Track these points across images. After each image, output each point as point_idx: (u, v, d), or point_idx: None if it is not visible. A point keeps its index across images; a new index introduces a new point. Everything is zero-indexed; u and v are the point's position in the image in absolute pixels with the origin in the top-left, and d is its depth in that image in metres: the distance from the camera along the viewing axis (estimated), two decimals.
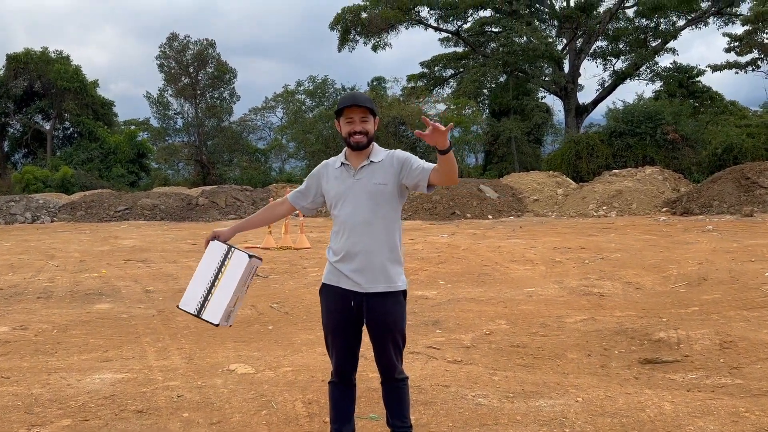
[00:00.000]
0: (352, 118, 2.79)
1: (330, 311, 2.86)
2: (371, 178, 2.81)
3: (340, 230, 2.84)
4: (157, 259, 11.05)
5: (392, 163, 2.83)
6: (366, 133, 2.80)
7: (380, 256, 2.78)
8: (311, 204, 3.03)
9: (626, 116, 26.57)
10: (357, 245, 2.78)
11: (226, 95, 39.42)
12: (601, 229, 14.44)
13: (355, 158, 2.85)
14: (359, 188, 2.81)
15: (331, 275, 2.86)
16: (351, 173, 2.83)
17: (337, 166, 2.89)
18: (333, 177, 2.89)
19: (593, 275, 7.95)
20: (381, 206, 2.80)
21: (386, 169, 2.83)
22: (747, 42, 26.25)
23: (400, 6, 32.53)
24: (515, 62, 31.77)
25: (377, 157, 2.86)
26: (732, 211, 15.77)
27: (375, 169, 2.83)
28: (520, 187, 22.13)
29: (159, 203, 23.03)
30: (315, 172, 3.01)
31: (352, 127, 2.79)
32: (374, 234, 2.78)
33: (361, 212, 2.79)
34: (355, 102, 2.78)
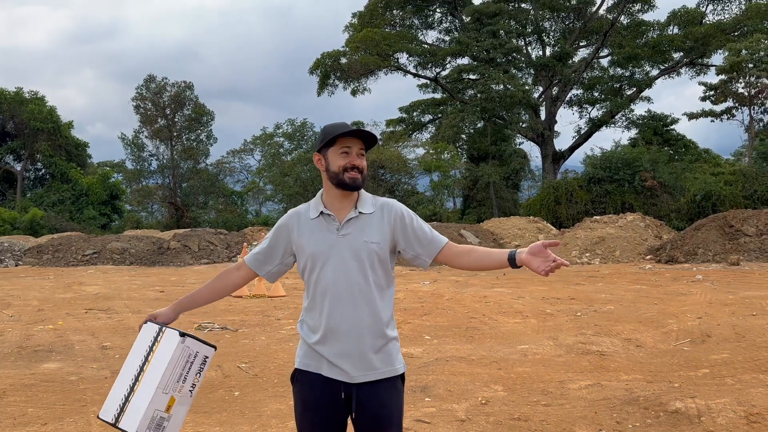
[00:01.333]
0: (349, 150, 2.22)
1: (309, 407, 2.21)
2: (360, 235, 2.22)
3: (318, 301, 2.23)
4: (121, 308, 10.30)
5: (385, 218, 2.27)
6: (362, 171, 2.24)
7: (373, 335, 2.19)
8: (278, 267, 2.37)
9: (604, 163, 26.68)
10: (343, 322, 2.18)
11: (203, 137, 39.00)
12: (588, 277, 14.03)
13: (339, 206, 2.26)
14: (345, 247, 2.21)
15: (309, 359, 2.24)
16: (334, 227, 2.23)
17: (313, 216, 2.27)
18: (308, 231, 2.26)
19: (589, 330, 7.44)
20: (372, 270, 2.22)
21: (378, 223, 2.26)
22: (722, 91, 26.70)
23: (380, 52, 32.71)
24: (493, 109, 31.95)
25: (366, 206, 2.28)
26: (718, 260, 15.53)
27: (365, 224, 2.24)
28: (501, 233, 21.80)
29: (129, 247, 22.17)
30: (281, 224, 2.35)
31: (348, 160, 2.21)
32: (364, 306, 2.19)
33: (347, 279, 2.19)
34: (357, 129, 2.22)
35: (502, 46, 32.24)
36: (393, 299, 2.30)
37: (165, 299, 11.42)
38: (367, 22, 35.17)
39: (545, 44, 36.46)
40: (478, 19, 33.25)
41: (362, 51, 32.99)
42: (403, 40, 34.47)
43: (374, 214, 2.27)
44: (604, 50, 34.96)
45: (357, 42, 32.89)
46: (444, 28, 37.64)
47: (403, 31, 36.04)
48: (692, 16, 32.87)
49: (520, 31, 35.23)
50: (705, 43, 31.63)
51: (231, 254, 22.23)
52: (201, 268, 19.46)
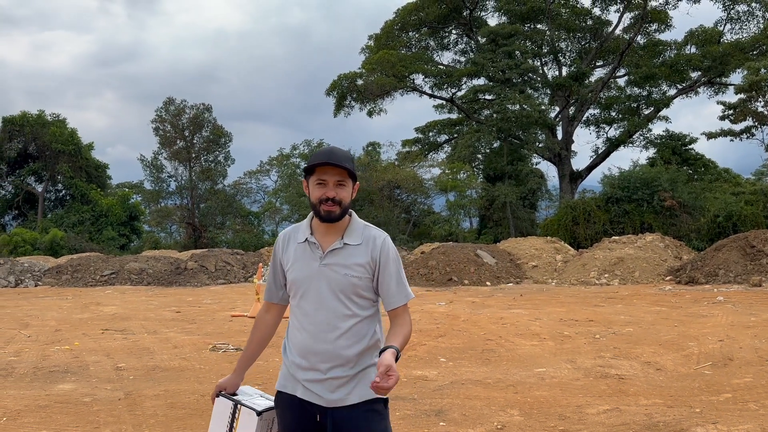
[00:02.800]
0: (324, 181, 2.18)
1: (288, 429, 2.23)
2: (343, 268, 2.19)
3: (298, 326, 2.24)
4: (137, 328, 10.33)
5: (370, 251, 2.23)
6: (340, 202, 2.18)
7: (351, 363, 2.18)
8: (284, 293, 2.38)
9: (622, 182, 26.42)
10: (319, 349, 2.18)
11: (221, 158, 39.33)
12: (606, 298, 13.83)
13: (324, 234, 2.24)
14: (325, 278, 2.19)
15: (286, 380, 2.25)
16: (317, 255, 2.22)
17: (301, 240, 2.27)
18: (293, 255, 2.26)
19: (607, 353, 7.31)
20: (352, 302, 2.20)
21: (363, 256, 2.22)
22: (741, 110, 26.43)
23: (396, 74, 32.91)
24: (509, 129, 31.90)
25: (353, 237, 2.24)
26: (739, 281, 15.23)
27: (349, 255, 2.21)
28: (518, 253, 21.62)
29: (147, 267, 22.33)
30: (276, 245, 2.36)
31: (323, 192, 2.18)
32: (343, 336, 2.17)
33: (326, 309, 2.18)
34: (330, 160, 2.16)
35: (517, 67, 32.28)
36: (379, 324, 2.29)
37: (180, 320, 11.45)
38: (383, 44, 35.47)
39: (561, 64, 36.45)
40: (493, 40, 33.37)
41: (378, 72, 33.23)
42: (419, 62, 34.67)
43: (360, 247, 2.22)
44: (620, 70, 34.83)
45: (373, 63, 33.15)
46: (459, 49, 37.84)
47: (419, 53, 36.27)
48: (710, 35, 32.68)
49: (536, 52, 35.27)
50: (723, 62, 31.40)
51: (247, 274, 22.28)
52: (218, 289, 19.51)
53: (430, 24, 35.76)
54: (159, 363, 7.27)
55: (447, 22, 35.99)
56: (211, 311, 12.93)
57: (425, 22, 35.65)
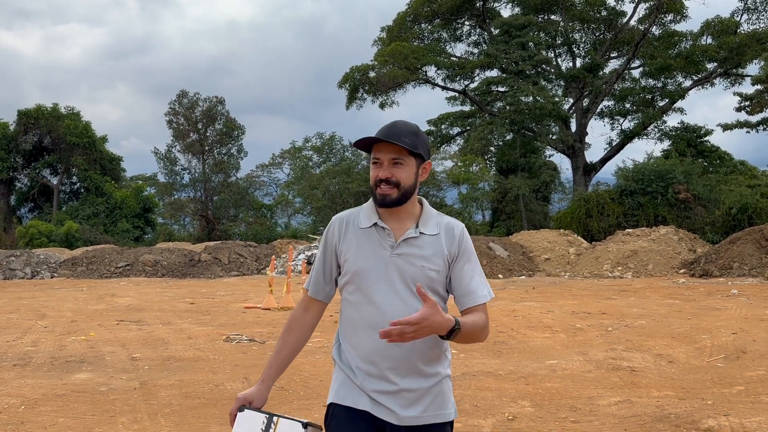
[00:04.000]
0: (379, 160, 1.92)
1: None
2: (419, 258, 1.91)
3: (361, 327, 1.93)
4: (152, 319, 10.45)
5: (447, 242, 1.96)
6: (398, 183, 1.90)
7: (425, 372, 1.91)
8: (331, 288, 2.08)
9: (636, 175, 26.23)
10: (390, 355, 1.88)
11: (234, 151, 39.56)
12: (619, 291, 13.77)
13: (396, 219, 1.96)
14: (397, 268, 1.91)
15: (347, 391, 1.94)
16: (389, 242, 1.93)
17: (365, 225, 1.97)
18: (356, 242, 1.97)
19: (620, 345, 7.30)
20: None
21: (441, 248, 1.95)
22: (758, 101, 26.12)
23: (408, 66, 32.84)
24: (522, 121, 31.75)
25: (429, 226, 1.97)
26: (754, 274, 15.11)
27: (425, 245, 1.93)
28: (531, 246, 21.56)
29: (161, 259, 22.53)
30: (328, 233, 2.05)
31: (377, 173, 1.92)
32: (421, 342, 1.85)
33: (399, 306, 1.88)
34: (382, 136, 1.89)
35: (531, 58, 32.07)
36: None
37: (194, 311, 11.56)
38: (395, 36, 35.37)
39: (575, 55, 36.18)
40: (506, 32, 33.15)
41: (391, 64, 33.17)
42: (432, 53, 34.55)
43: (437, 237, 1.96)
44: (635, 61, 34.51)
45: (385, 56, 33.09)
46: (472, 40, 37.65)
47: (432, 45, 36.14)
48: (726, 25, 32.26)
49: (550, 43, 35.02)
50: (740, 53, 31.00)
51: (260, 266, 22.41)
52: (231, 281, 19.66)
53: (442, 15, 35.58)
54: (173, 353, 7.36)
55: (460, 14, 35.80)
56: (224, 303, 13.04)
57: (438, 14, 35.49)
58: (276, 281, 13.47)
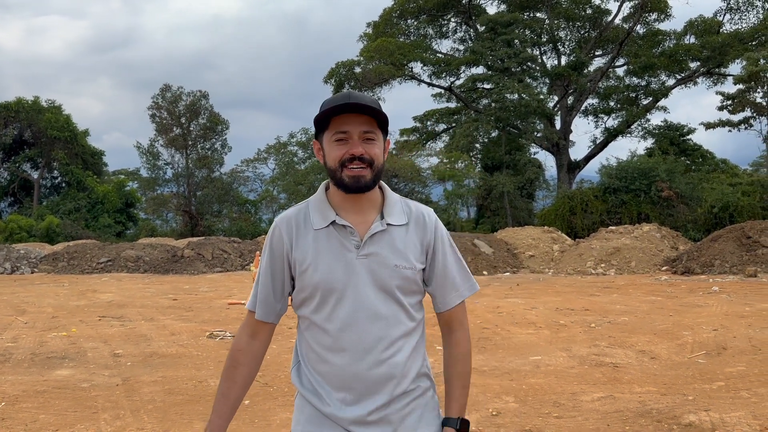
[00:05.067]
0: (346, 134, 1.58)
1: None
2: (390, 256, 1.61)
3: (330, 347, 1.62)
4: (134, 315, 10.36)
5: (419, 232, 1.67)
6: (371, 161, 1.58)
7: (409, 389, 1.66)
8: (283, 305, 1.75)
9: (620, 173, 26.44)
10: (369, 376, 1.60)
11: (218, 146, 39.27)
12: (602, 288, 13.89)
13: (357, 212, 1.64)
14: (368, 274, 1.60)
15: (316, 427, 1.64)
16: (352, 242, 1.61)
17: (321, 224, 1.63)
18: (313, 248, 1.62)
19: (602, 342, 7.36)
20: (408, 304, 1.64)
21: (413, 240, 1.65)
22: (740, 101, 26.45)
23: (394, 62, 32.78)
24: (507, 118, 31.85)
25: (395, 215, 1.65)
26: (735, 271, 15.31)
27: (395, 239, 1.63)
28: (515, 243, 21.66)
29: (143, 255, 22.33)
30: (273, 242, 1.67)
31: (345, 149, 1.58)
32: (397, 354, 1.62)
33: (373, 318, 1.60)
34: (352, 101, 1.55)
35: (516, 56, 32.16)
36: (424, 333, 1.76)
37: (177, 307, 11.47)
38: (381, 32, 35.29)
39: (560, 53, 36.35)
40: (492, 29, 33.21)
41: (377, 60, 33.09)
42: (418, 50, 34.52)
43: (407, 227, 1.66)
44: (619, 60, 34.75)
45: (371, 51, 33.00)
46: (458, 37, 37.67)
47: (418, 41, 36.10)
48: (709, 25, 32.59)
49: (535, 41, 35.14)
50: (722, 52, 31.32)
51: (244, 262, 22.30)
52: (214, 277, 19.53)
53: (428, 12, 35.56)
54: (156, 350, 7.30)
55: (446, 10, 35.80)
56: (207, 299, 12.96)
57: (424, 10, 35.46)
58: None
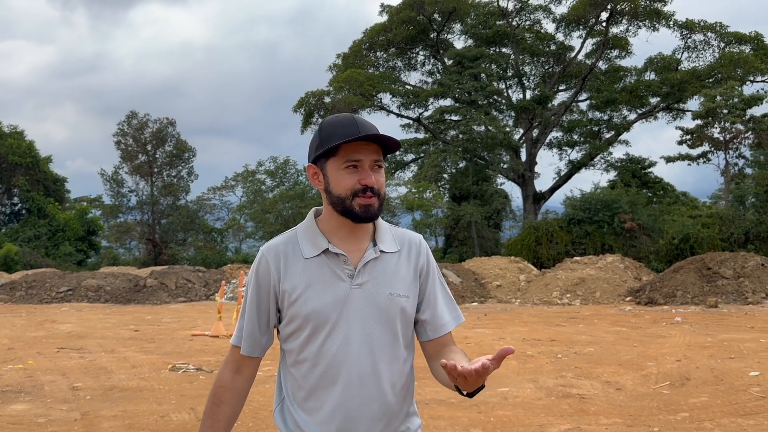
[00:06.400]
0: (360, 162, 1.54)
1: None
2: (385, 284, 1.58)
3: (322, 386, 1.56)
4: (94, 347, 10.05)
5: (413, 259, 1.65)
6: (379, 192, 1.57)
7: (401, 427, 1.62)
8: (269, 338, 1.69)
9: (584, 204, 26.98)
10: (365, 414, 1.55)
11: (184, 174, 38.87)
12: (568, 318, 14.02)
13: (350, 240, 1.60)
14: (362, 303, 1.56)
15: None
16: (346, 271, 1.57)
17: (313, 253, 1.58)
18: (304, 278, 1.57)
19: (569, 373, 7.40)
20: (402, 335, 1.61)
21: (406, 267, 1.63)
22: (698, 136, 27.37)
23: (363, 93, 33.13)
24: (474, 149, 32.35)
25: (388, 242, 1.63)
26: (696, 302, 15.64)
27: (388, 267, 1.60)
28: (483, 272, 21.79)
29: (105, 284, 21.78)
30: (260, 272, 1.62)
31: (358, 177, 1.54)
32: (392, 389, 1.58)
33: (370, 351, 1.56)
34: (369, 131, 1.52)
35: (483, 89, 32.84)
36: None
37: (138, 338, 11.18)
38: (350, 63, 35.71)
39: (525, 88, 37.24)
40: (459, 62, 33.90)
41: (346, 90, 33.40)
42: (387, 81, 35.00)
43: (399, 254, 1.63)
44: (582, 94, 35.75)
45: (341, 82, 33.32)
46: (427, 70, 38.34)
47: (387, 73, 36.61)
48: (668, 62, 33.87)
49: (501, 75, 35.98)
50: (681, 88, 32.52)
51: (209, 292, 21.92)
52: (177, 307, 19.13)
53: (397, 45, 36.17)
54: (116, 383, 7.08)
55: (414, 44, 36.47)
56: (170, 330, 12.66)
57: (393, 43, 36.06)
58: (225, 308, 13.18)
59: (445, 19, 35.21)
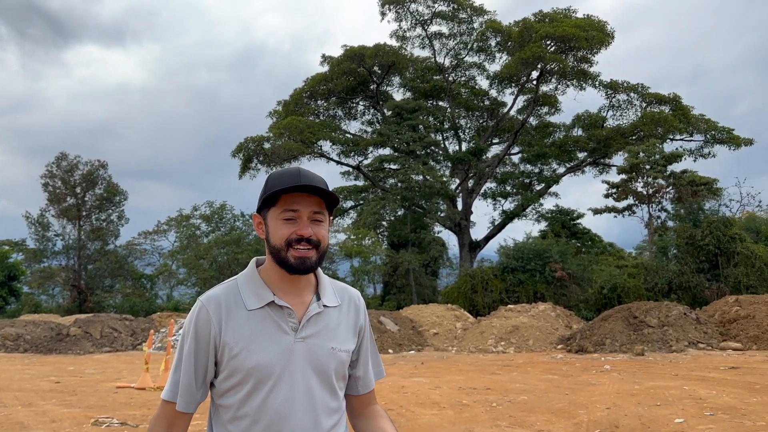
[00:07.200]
0: (298, 212, 1.55)
1: None
2: (327, 339, 1.59)
3: None
4: (10, 400, 9.40)
5: (352, 314, 1.69)
6: (318, 244, 1.56)
7: None
8: (204, 393, 1.63)
9: (517, 253, 27.69)
10: None
11: (114, 218, 37.62)
12: (503, 366, 14.19)
13: (294, 293, 1.60)
14: (305, 357, 1.55)
15: None
16: (290, 324, 1.57)
17: (256, 305, 1.56)
18: (244, 327, 1.54)
19: (503, 422, 7.46)
20: (340, 390, 1.63)
21: (346, 322, 1.66)
22: (623, 189, 28.77)
23: (304, 139, 33.31)
24: (413, 198, 32.89)
25: (330, 297, 1.65)
26: (624, 350, 16.15)
27: (330, 322, 1.62)
28: (420, 320, 21.86)
29: (24, 332, 20.55)
30: (199, 321, 1.56)
31: (294, 228, 1.54)
32: None
33: (312, 406, 1.55)
34: (305, 182, 1.54)
35: (421, 140, 33.66)
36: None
37: (60, 390, 10.55)
38: (291, 111, 35.97)
39: (461, 140, 38.44)
40: (398, 114, 34.75)
41: (286, 137, 33.49)
42: (327, 129, 35.37)
43: (340, 309, 1.66)
44: (515, 148, 37.17)
45: (281, 128, 33.43)
46: (366, 119, 39.08)
47: (327, 121, 37.05)
48: (594, 120, 35.81)
49: (438, 127, 37.07)
50: (606, 144, 34.34)
51: (136, 342, 21.01)
52: (102, 357, 18.22)
53: (338, 94, 36.81)
54: None
55: (355, 94, 37.22)
56: (94, 382, 12.02)
57: (334, 92, 36.67)
58: (153, 358, 12.65)
59: (385, 72, 36.19)
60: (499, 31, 35.27)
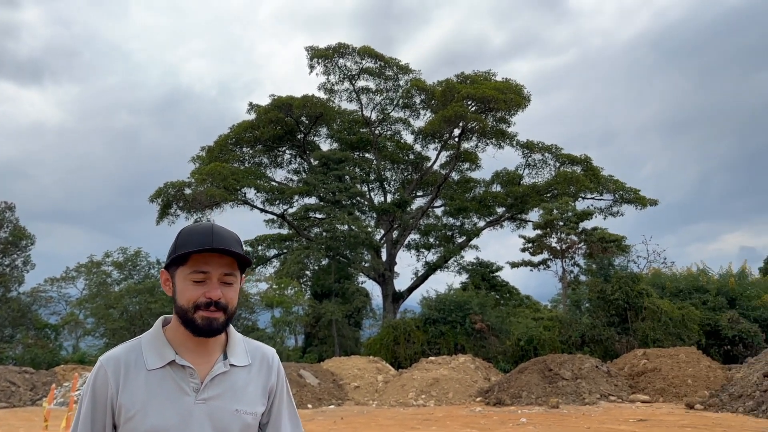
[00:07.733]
0: (208, 275, 1.52)
1: None
2: (231, 400, 1.55)
3: None
4: None
5: (263, 374, 1.64)
6: (225, 307, 1.53)
7: None
8: None
9: (438, 304, 28.01)
10: None
11: (19, 263, 35.38)
12: (422, 420, 14.14)
13: (200, 352, 1.56)
14: (206, 419, 1.50)
15: None
16: (191, 385, 1.52)
17: (157, 364, 1.52)
18: (143, 388, 1.49)
19: None
20: None
21: (255, 382, 1.61)
22: (539, 244, 29.89)
23: (227, 186, 32.84)
24: (337, 247, 32.88)
25: (239, 356, 1.61)
26: (540, 402, 16.50)
27: (237, 382, 1.58)
28: (341, 373, 21.55)
29: None
30: (97, 381, 1.52)
31: (203, 290, 1.51)
32: None
33: None
34: (217, 244, 1.50)
35: (347, 190, 33.97)
36: None
37: None
38: (216, 156, 35.51)
39: (386, 191, 39.08)
40: (325, 164, 35.03)
41: (209, 183, 32.90)
42: (252, 176, 35.06)
43: (250, 369, 1.61)
44: (438, 201, 38.15)
45: (204, 174, 32.85)
46: (293, 168, 39.11)
47: (252, 168, 36.79)
48: (512, 177, 37.40)
49: (364, 178, 37.60)
50: (523, 201, 35.82)
51: (36, 396, 19.55)
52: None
53: (264, 142, 36.77)
54: None
55: (281, 143, 37.30)
56: None
57: (260, 140, 36.62)
58: (53, 414, 11.80)
59: (312, 123, 36.57)
60: (423, 89, 36.59)
